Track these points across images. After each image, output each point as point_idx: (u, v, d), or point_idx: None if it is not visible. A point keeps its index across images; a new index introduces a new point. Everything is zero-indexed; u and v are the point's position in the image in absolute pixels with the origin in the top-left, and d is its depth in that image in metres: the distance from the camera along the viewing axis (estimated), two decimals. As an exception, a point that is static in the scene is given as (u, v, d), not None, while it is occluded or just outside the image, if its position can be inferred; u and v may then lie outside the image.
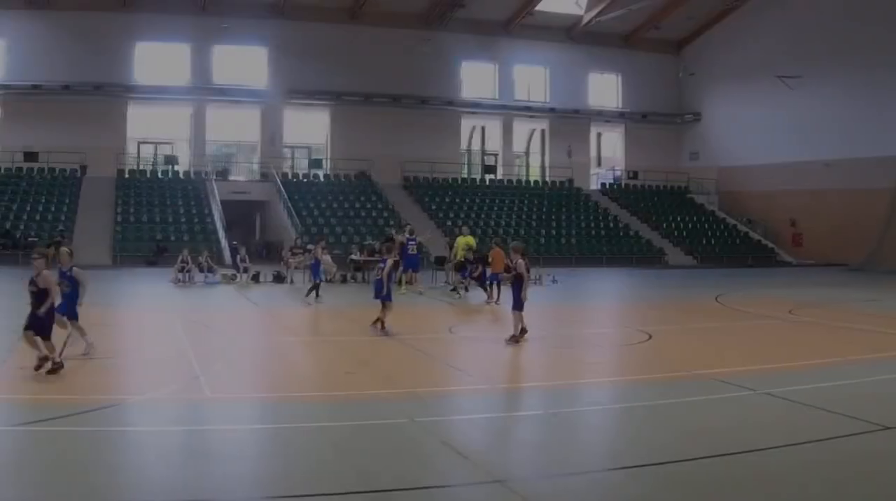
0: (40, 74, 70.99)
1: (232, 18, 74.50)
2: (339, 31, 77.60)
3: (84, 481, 11.79)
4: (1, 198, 65.96)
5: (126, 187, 70.58)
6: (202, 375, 19.55)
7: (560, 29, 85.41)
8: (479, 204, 77.37)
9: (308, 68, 76.64)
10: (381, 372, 20.70)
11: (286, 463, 13.09)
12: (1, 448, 13.67)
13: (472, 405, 17.93)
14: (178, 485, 11.91)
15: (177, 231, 64.34)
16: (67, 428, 14.40)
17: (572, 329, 31.56)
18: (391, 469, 12.66)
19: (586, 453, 14.34)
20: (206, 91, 76.13)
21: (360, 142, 78.05)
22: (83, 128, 71.06)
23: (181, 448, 14.10)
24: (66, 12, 71.28)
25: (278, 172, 74.43)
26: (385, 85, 79.03)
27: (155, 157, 78.30)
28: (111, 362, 21.45)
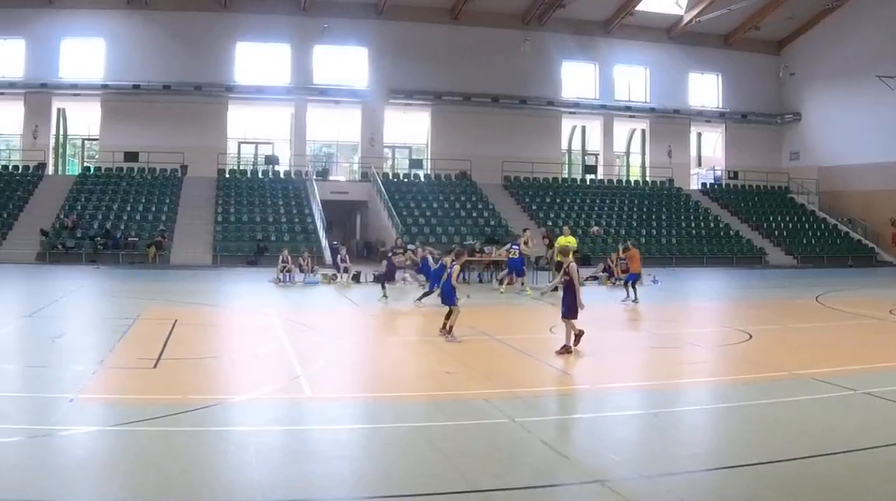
0: (140, 74, 70.03)
1: (332, 18, 72.75)
2: (439, 30, 75.37)
3: (183, 481, 11.54)
4: (101, 197, 65.12)
5: (226, 187, 69.02)
6: (302, 375, 19.13)
7: (660, 29, 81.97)
8: (579, 204, 73.92)
9: (408, 68, 74.31)
10: (481, 372, 19.93)
11: (386, 464, 12.78)
12: (99, 448, 13.39)
13: (573, 405, 17.71)
14: (278, 485, 11.58)
15: (277, 231, 62.54)
16: (167, 428, 14.14)
17: (672, 328, 30.36)
18: (491, 470, 12.27)
19: (686, 453, 13.82)
20: (306, 91, 74.51)
21: (460, 142, 75.50)
22: (183, 128, 70.02)
23: (281, 447, 13.80)
24: (166, 12, 70.28)
25: (378, 172, 71.99)
26: (485, 85, 76.22)
27: (255, 157, 76.85)
28: (212, 362, 21.10)
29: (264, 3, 72.27)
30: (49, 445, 13.30)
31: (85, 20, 69.78)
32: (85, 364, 19.66)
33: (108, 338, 23.06)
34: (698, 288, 51.16)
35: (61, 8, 69.40)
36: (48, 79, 70.01)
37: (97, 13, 69.67)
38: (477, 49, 75.86)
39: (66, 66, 71.03)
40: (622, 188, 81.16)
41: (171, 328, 25.12)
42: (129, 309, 29.69)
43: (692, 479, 12.19)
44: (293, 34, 73.57)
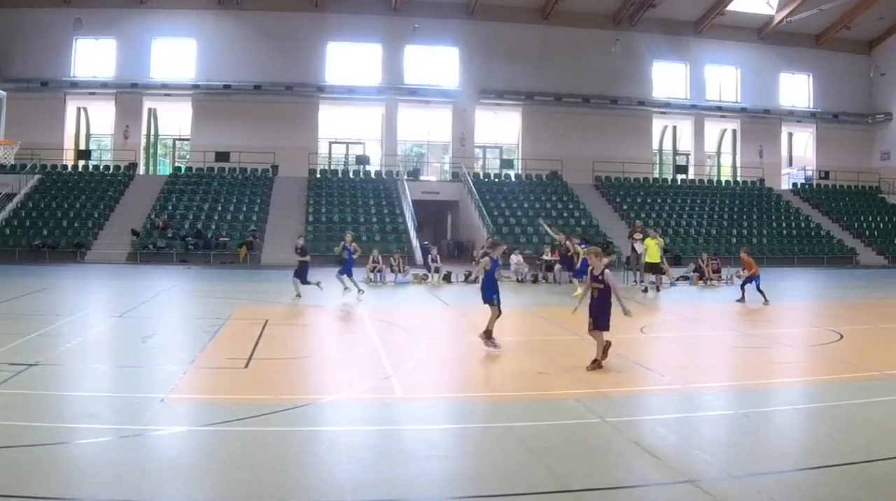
0: (231, 75, 69.59)
1: (423, 18, 71.33)
2: (529, 31, 73.36)
3: (273, 481, 11.21)
4: (192, 197, 64.14)
5: (317, 187, 67.43)
6: (393, 375, 18.46)
7: (751, 29, 79.08)
8: (670, 204, 71.39)
9: (499, 68, 72.41)
10: (572, 372, 19.15)
11: (477, 463, 12.37)
12: (190, 448, 13.04)
13: (663, 404, 16.80)
14: (368, 485, 11.26)
15: (368, 231, 60.53)
16: (258, 428, 13.86)
17: (763, 328, 29.44)
18: (582, 469, 11.92)
19: (777, 453, 13.26)
20: (397, 91, 72.86)
21: (551, 141, 73.20)
22: (274, 128, 69.33)
23: (371, 447, 13.30)
24: (257, 12, 69.62)
25: (469, 172, 69.69)
26: (576, 85, 73.99)
27: (346, 157, 75.06)
28: (303, 362, 20.71)
29: (355, 3, 70.75)
30: (140, 445, 13.07)
31: (176, 20, 69.49)
32: (176, 364, 19.22)
33: (199, 338, 22.89)
34: (789, 288, 48.43)
35: (152, 8, 69.16)
36: (139, 79, 69.67)
37: (188, 13, 69.40)
38: (568, 49, 73.89)
39: (157, 66, 70.65)
40: (713, 188, 78.23)
41: (263, 328, 24.75)
42: (221, 309, 29.40)
43: (782, 479, 11.78)
44: (384, 34, 71.95)
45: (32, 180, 64.61)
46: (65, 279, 40.83)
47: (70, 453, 12.46)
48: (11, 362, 18.35)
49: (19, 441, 12.64)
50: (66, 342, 21.87)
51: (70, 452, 12.50)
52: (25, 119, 58.67)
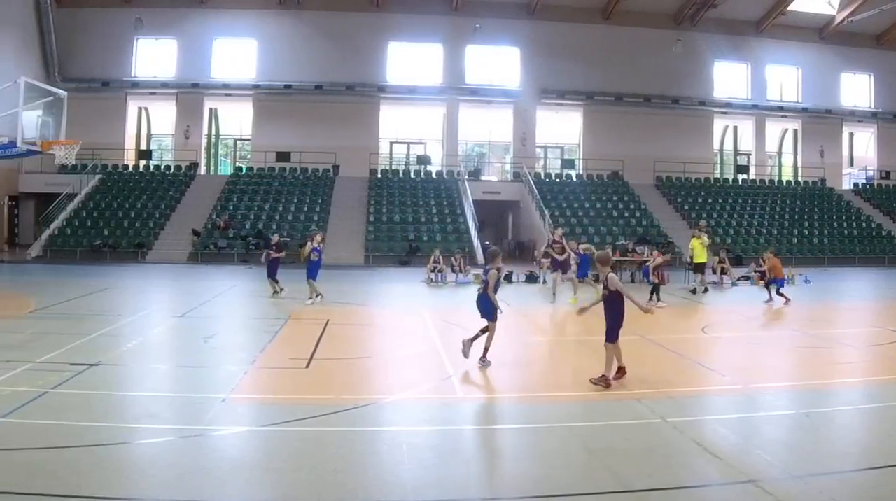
0: (292, 75, 69.05)
1: (484, 18, 70.10)
2: (590, 30, 71.81)
3: (335, 481, 11.35)
4: (253, 197, 63.40)
5: (378, 187, 66.43)
6: (454, 375, 18.55)
7: (812, 29, 77.01)
8: (731, 204, 69.48)
9: (560, 68, 70.95)
10: (632, 372, 18.56)
11: (538, 464, 12.36)
12: (251, 448, 13.20)
13: (725, 404, 16.69)
14: (430, 485, 11.37)
15: (429, 231, 59.57)
16: (319, 429, 13.95)
17: (823, 328, 28.93)
18: (644, 469, 11.90)
19: (838, 453, 13.16)
20: (458, 91, 71.62)
21: (611, 141, 71.80)
22: (335, 128, 68.65)
23: (432, 447, 13.28)
24: (318, 12, 69.07)
25: (530, 172, 68.11)
26: (637, 84, 72.55)
27: (407, 157, 73.91)
28: (364, 362, 20.69)
29: (416, 3, 69.81)
30: (201, 445, 13.19)
31: (237, 20, 69.15)
32: (237, 364, 19.42)
33: (260, 338, 23.05)
34: (850, 288, 48.02)
35: (213, 8, 68.82)
36: (200, 79, 69.44)
37: (249, 13, 69.02)
38: (629, 49, 72.33)
39: (218, 66, 70.26)
40: (774, 188, 76.27)
41: (324, 328, 24.72)
42: (281, 310, 29.57)
43: (843, 479, 11.77)
44: (445, 34, 70.86)
45: (94, 180, 64.22)
46: (126, 279, 40.24)
47: (131, 453, 12.58)
48: (73, 362, 18.37)
49: (81, 441, 12.67)
50: (128, 342, 21.92)
51: (131, 452, 12.62)
52: (87, 119, 57.87)
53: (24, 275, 44.24)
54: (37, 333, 22.78)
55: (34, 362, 18.38)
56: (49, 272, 45.66)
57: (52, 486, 10.79)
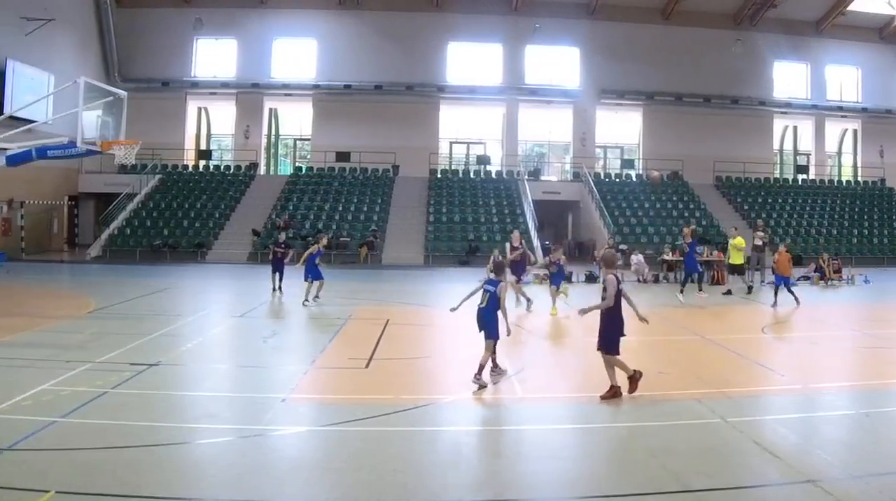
0: (352, 74, 68.55)
1: (544, 18, 69.23)
2: (650, 30, 70.76)
3: (394, 481, 11.40)
4: (313, 197, 62.89)
5: (438, 187, 65.69)
6: (514, 375, 18.49)
7: (872, 29, 75.53)
8: (790, 204, 68.43)
9: (619, 68, 70.05)
10: (692, 372, 19.24)
11: (597, 464, 12.56)
12: (311, 447, 13.35)
13: (784, 404, 16.58)
14: (488, 485, 11.46)
15: (489, 231, 58.72)
16: (379, 428, 14.01)
17: (884, 328, 28.64)
18: (703, 470, 11.94)
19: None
20: (518, 91, 70.65)
21: (671, 141, 70.80)
22: (395, 128, 68.19)
23: (491, 447, 13.67)
24: (378, 12, 68.53)
25: (590, 172, 67.20)
26: (696, 85, 71.31)
27: (467, 157, 73.15)
28: (423, 362, 20.74)
29: (476, 3, 69.09)
30: (261, 445, 13.32)
31: (296, 20, 68.91)
32: (297, 364, 19.63)
33: (319, 338, 23.30)
34: None
35: (273, 8, 68.58)
36: (260, 79, 69.25)
37: (308, 13, 68.70)
38: (688, 49, 71.19)
39: (278, 66, 69.91)
40: (833, 188, 74.86)
41: (383, 328, 24.86)
42: (341, 310, 29.58)
43: None
44: (505, 34, 70.09)
45: (153, 180, 64.08)
46: (186, 279, 39.93)
47: (191, 453, 12.69)
48: (133, 362, 18.57)
49: (140, 441, 12.80)
50: (187, 342, 22.18)
51: (191, 452, 12.73)
52: (146, 119, 57.43)
53: (83, 275, 44.15)
54: (96, 333, 22.76)
55: (94, 362, 18.42)
56: (108, 272, 45.40)
57: (112, 486, 10.84)
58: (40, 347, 19.36)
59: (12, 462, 11.81)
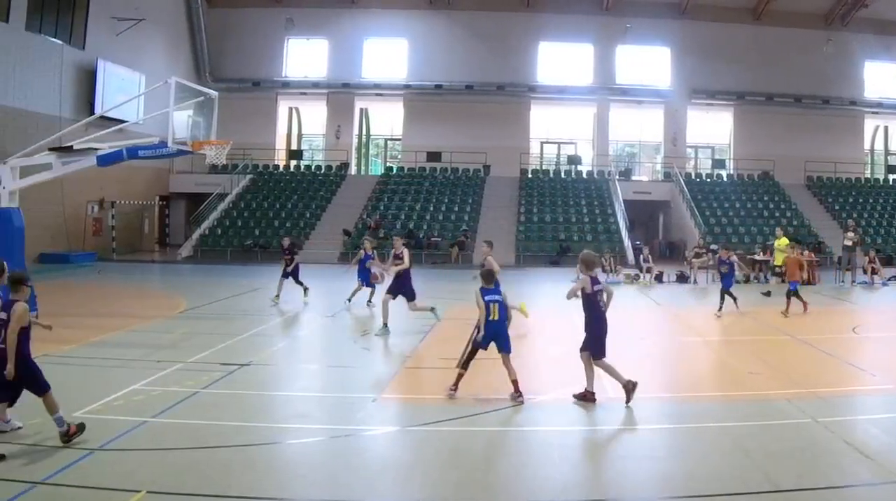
0: (442, 74, 68.41)
1: (634, 18, 68.64)
2: (741, 30, 69.84)
3: (484, 480, 11.49)
4: (404, 197, 62.88)
5: (529, 187, 65.30)
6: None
7: (965, 27, 74.01)
8: (882, 204, 66.94)
9: (710, 68, 69.21)
10: (783, 373, 18.85)
11: (689, 463, 12.35)
12: (401, 447, 13.37)
13: (876, 404, 16.26)
14: (579, 484, 11.49)
15: (580, 231, 58.28)
16: (469, 428, 14.12)
17: None
18: (794, 470, 11.79)
19: None
20: (608, 91, 70.16)
21: (762, 141, 69.87)
22: (485, 128, 67.66)
23: (582, 447, 13.64)
24: (469, 12, 68.29)
25: (681, 172, 66.73)
26: (787, 85, 70.19)
27: (558, 157, 72.77)
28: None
29: (567, 3, 68.52)
30: (352, 445, 13.41)
31: (387, 20, 69.07)
32: (387, 364, 19.94)
33: (410, 338, 23.27)
34: None
35: (364, 8, 68.79)
36: (351, 79, 69.47)
37: (399, 13, 68.77)
38: (779, 49, 70.12)
39: (369, 66, 70.12)
40: (926, 189, 73.62)
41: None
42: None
43: None
44: (596, 34, 69.58)
45: (244, 180, 64.53)
46: (276, 279, 39.27)
47: (282, 453, 12.78)
48: (224, 362, 18.82)
49: (232, 441, 12.96)
50: (278, 342, 22.90)
51: (282, 452, 12.81)
52: (237, 119, 58.15)
53: (174, 276, 44.61)
54: (188, 333, 23.10)
55: (185, 362, 18.71)
56: (199, 272, 46.12)
57: (203, 486, 10.96)
58: (132, 347, 19.41)
59: (104, 462, 11.85)
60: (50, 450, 12.29)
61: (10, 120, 44.39)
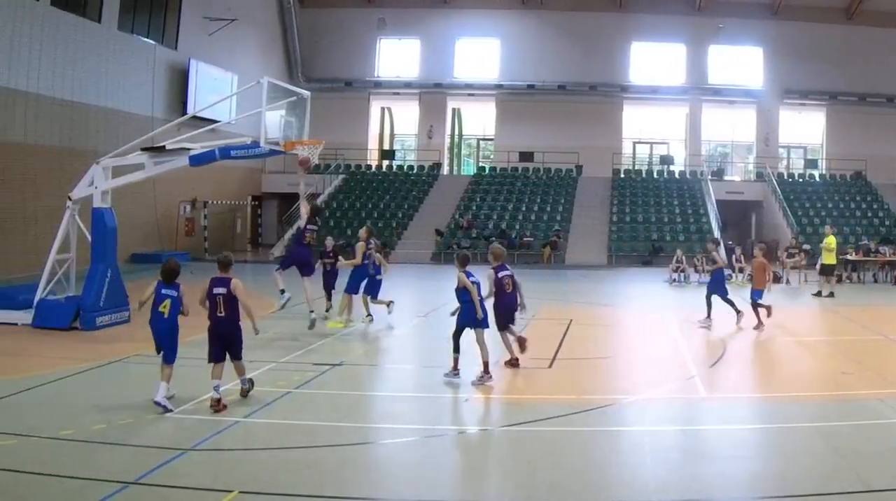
0: (535, 74, 68.11)
1: (727, 18, 67.95)
2: (833, 31, 68.74)
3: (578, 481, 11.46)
4: (496, 197, 62.82)
5: (621, 187, 65.11)
6: (697, 375, 18.67)
7: None
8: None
9: (803, 68, 68.18)
10: (877, 373, 18.68)
11: (782, 463, 12.25)
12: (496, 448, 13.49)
13: None
14: (672, 485, 11.38)
15: (672, 231, 58.07)
16: (562, 428, 14.00)
17: None
18: (888, 470, 11.54)
19: None
20: (701, 91, 69.60)
21: (855, 141, 68.67)
22: (578, 127, 67.25)
23: (675, 447, 13.40)
24: (561, 12, 67.91)
25: (773, 172, 66.31)
26: (880, 84, 68.91)
27: (650, 157, 72.67)
28: (607, 362, 21.05)
29: (659, 3, 68.28)
30: (444, 445, 13.45)
31: (479, 20, 69.07)
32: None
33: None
34: None
35: (456, 8, 68.96)
36: (443, 79, 69.64)
37: (491, 13, 68.71)
38: (872, 49, 68.99)
39: (461, 66, 70.25)
40: None
41: (567, 328, 24.97)
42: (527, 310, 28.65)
43: None
44: (688, 34, 69.07)
45: (337, 180, 65.00)
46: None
47: (375, 453, 12.95)
48: (316, 362, 19.06)
49: (324, 440, 13.10)
50: (370, 342, 23.12)
51: (375, 452, 12.98)
52: (329, 119, 58.45)
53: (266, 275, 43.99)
54: (279, 333, 23.19)
55: (277, 362, 19.03)
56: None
57: (296, 486, 11.07)
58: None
59: (196, 462, 12.07)
60: (142, 450, 12.40)
61: (103, 120, 44.67)
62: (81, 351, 20.28)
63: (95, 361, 19.01)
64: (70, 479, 10.97)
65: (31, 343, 21.82)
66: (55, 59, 40.69)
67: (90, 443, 12.64)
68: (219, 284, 15.73)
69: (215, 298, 15.64)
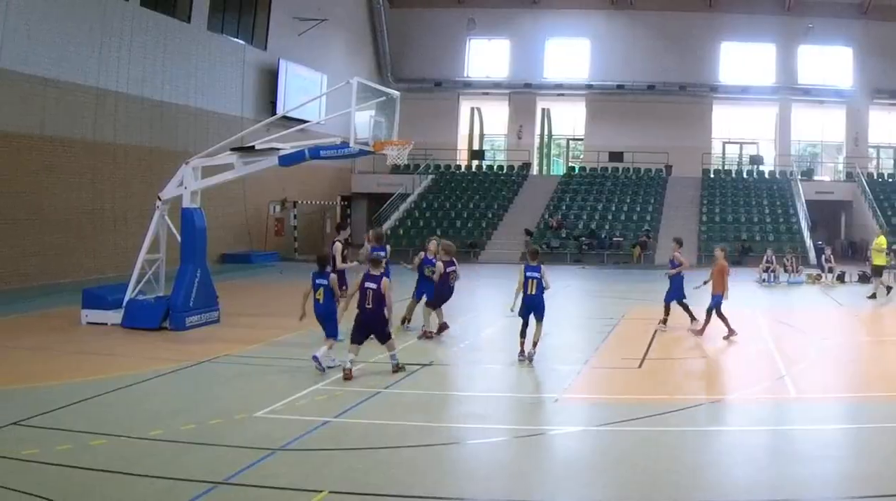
0: (624, 75, 68.05)
1: (816, 18, 67.17)
2: None
3: (668, 481, 11.42)
4: (586, 198, 63.04)
5: (711, 187, 64.96)
6: (787, 375, 18.50)
7: None
8: None
9: (893, 68, 67.20)
10: None
11: (874, 464, 12.03)
12: (584, 447, 13.51)
13: None
14: (762, 485, 11.30)
15: (761, 230, 57.90)
16: (652, 428, 13.98)
17: None
18: None
19: None
20: (790, 91, 69.00)
21: None
22: (667, 128, 67.07)
23: (765, 447, 13.41)
24: (651, 12, 67.82)
25: (863, 172, 65.54)
26: None
27: (740, 157, 72.40)
28: (696, 362, 21.13)
29: (749, 3, 67.72)
30: (534, 445, 13.58)
31: (569, 20, 69.06)
32: (569, 363, 19.71)
33: (592, 338, 23.61)
34: None
35: (545, 8, 68.84)
36: (532, 79, 69.68)
37: (581, 13, 68.69)
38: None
39: (550, 66, 70.32)
40: None
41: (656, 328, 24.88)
42: (614, 310, 30.06)
43: None
44: (777, 34, 68.46)
45: (426, 180, 65.23)
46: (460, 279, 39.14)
47: (465, 453, 12.98)
48: (406, 362, 18.77)
49: (414, 440, 13.20)
50: (460, 342, 22.85)
51: (465, 452, 13.01)
52: (419, 119, 58.35)
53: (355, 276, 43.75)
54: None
55: (367, 362, 18.81)
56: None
57: (386, 486, 11.15)
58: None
59: (286, 462, 12.20)
60: (231, 449, 12.56)
61: (192, 120, 45.37)
62: (171, 352, 20.61)
63: (184, 362, 19.29)
64: (159, 479, 11.14)
65: (120, 343, 22.05)
66: (144, 59, 41.48)
67: (179, 443, 12.84)
68: (370, 280, 17.54)
69: (366, 292, 17.47)
